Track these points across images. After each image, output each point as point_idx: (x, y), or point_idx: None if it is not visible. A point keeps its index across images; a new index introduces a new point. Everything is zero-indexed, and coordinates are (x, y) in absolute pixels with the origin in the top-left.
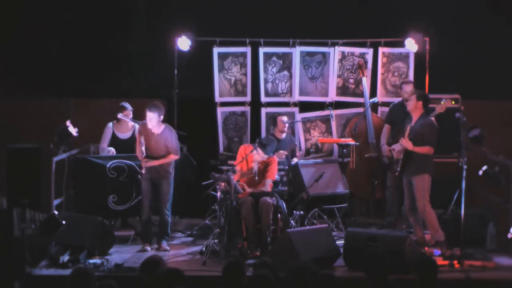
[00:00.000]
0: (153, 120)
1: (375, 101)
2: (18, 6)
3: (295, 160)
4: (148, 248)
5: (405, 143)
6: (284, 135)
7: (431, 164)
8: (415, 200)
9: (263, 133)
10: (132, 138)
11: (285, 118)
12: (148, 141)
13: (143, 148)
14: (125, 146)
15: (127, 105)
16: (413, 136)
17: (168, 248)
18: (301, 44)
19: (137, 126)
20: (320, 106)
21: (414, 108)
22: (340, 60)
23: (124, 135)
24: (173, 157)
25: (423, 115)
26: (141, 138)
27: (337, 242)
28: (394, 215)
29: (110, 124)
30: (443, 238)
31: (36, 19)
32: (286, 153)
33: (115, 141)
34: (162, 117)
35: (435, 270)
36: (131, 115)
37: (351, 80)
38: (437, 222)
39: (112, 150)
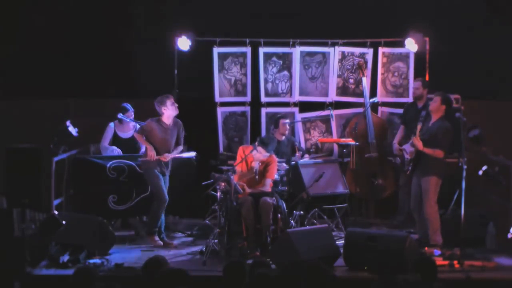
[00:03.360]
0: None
1: (375, 101)
2: (19, 6)
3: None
4: (160, 241)
5: (416, 142)
6: (283, 137)
7: (441, 167)
8: (420, 200)
9: (263, 133)
10: (134, 137)
11: (287, 121)
12: (162, 135)
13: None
14: (127, 145)
15: (128, 106)
16: (428, 137)
17: (174, 244)
18: (301, 44)
19: (138, 126)
20: (320, 106)
21: (437, 110)
22: (340, 60)
23: (126, 134)
24: (181, 148)
25: (442, 117)
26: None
27: (337, 242)
28: (404, 215)
29: (112, 124)
30: (440, 242)
31: (36, 19)
32: (287, 167)
33: (116, 140)
34: None
35: (434, 270)
36: (132, 116)
37: (351, 80)
38: (439, 226)
39: (117, 149)
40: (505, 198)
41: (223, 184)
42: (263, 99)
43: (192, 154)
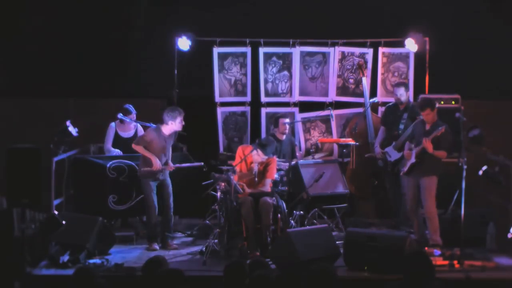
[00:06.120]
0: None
1: (375, 101)
2: (19, 6)
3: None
4: (157, 246)
5: (428, 145)
6: (284, 136)
7: (441, 166)
8: (418, 201)
9: (263, 133)
10: (135, 137)
11: (287, 120)
12: (161, 144)
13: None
14: (128, 145)
15: (131, 108)
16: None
17: (175, 245)
18: (301, 44)
19: (139, 125)
20: (320, 106)
21: (433, 118)
22: (340, 60)
23: (126, 133)
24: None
25: (437, 120)
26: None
27: (337, 242)
28: (400, 215)
29: (113, 124)
30: (440, 242)
31: (37, 19)
32: (287, 165)
33: (118, 140)
34: None
35: (432, 269)
36: (135, 118)
37: (351, 80)
38: (438, 226)
39: (119, 152)
40: (505, 198)
41: (223, 184)
42: (263, 99)
43: (200, 163)
